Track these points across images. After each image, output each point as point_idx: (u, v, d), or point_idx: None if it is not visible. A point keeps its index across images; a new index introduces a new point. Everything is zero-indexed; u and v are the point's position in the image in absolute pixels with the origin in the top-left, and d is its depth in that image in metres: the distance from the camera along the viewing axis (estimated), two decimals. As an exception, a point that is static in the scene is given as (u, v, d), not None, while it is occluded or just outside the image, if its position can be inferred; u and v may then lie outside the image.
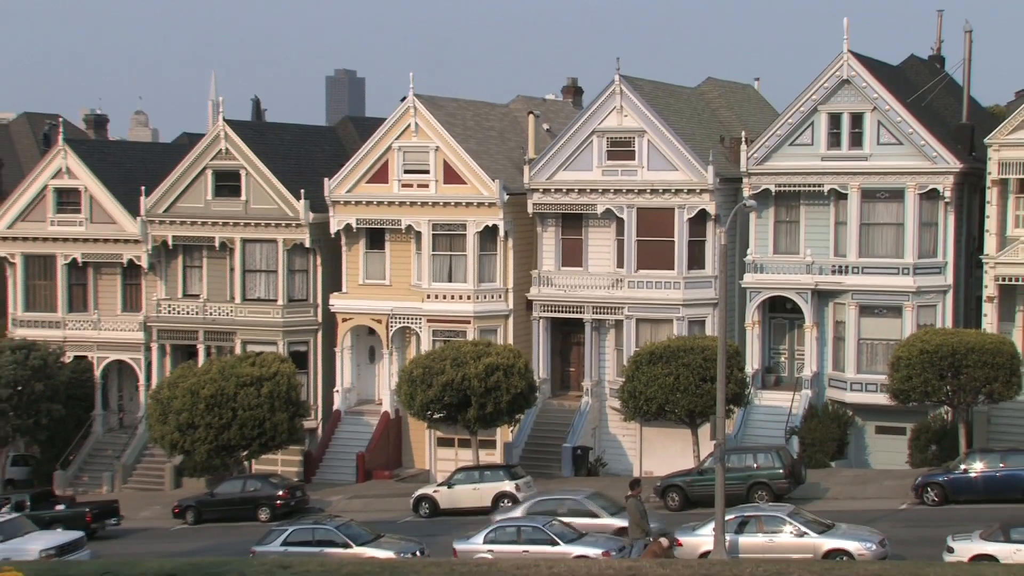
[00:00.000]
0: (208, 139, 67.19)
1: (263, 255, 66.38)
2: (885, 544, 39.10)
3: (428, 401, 55.68)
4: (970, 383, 51.35)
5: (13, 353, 62.91)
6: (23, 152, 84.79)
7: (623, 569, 29.18)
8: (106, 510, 55.42)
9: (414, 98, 63.00)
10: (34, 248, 70.04)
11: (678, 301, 59.96)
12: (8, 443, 63.99)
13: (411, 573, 28.10)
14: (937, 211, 57.59)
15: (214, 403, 55.97)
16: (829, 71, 57.97)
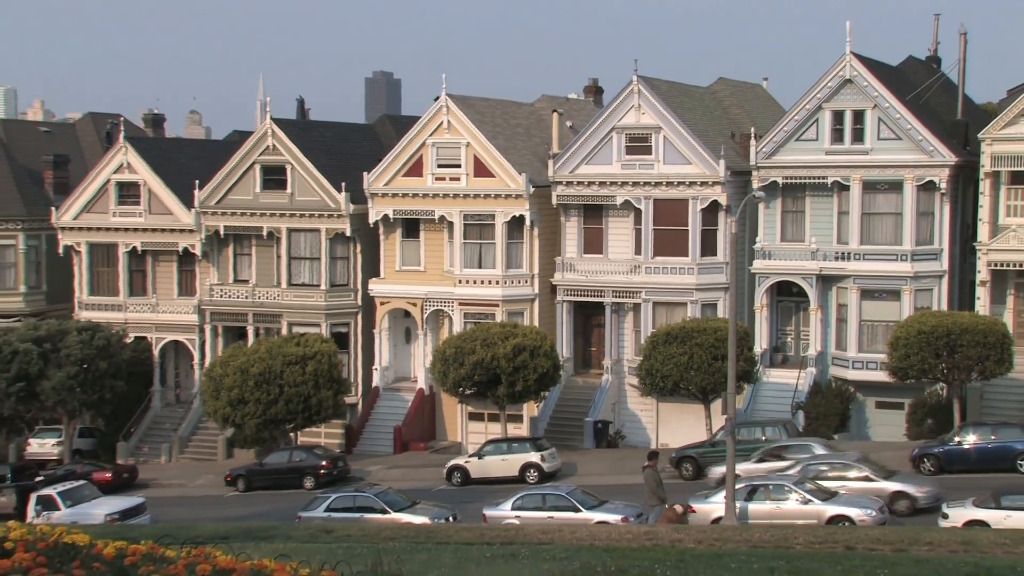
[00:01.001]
0: (256, 136, 67.34)
1: (307, 243, 66.52)
2: (884, 511, 39.07)
3: (460, 379, 55.80)
4: (964, 361, 51.35)
5: (79, 334, 63.26)
6: (88, 149, 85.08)
7: (641, 534, 29.15)
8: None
9: (447, 98, 63.02)
10: (98, 237, 70.32)
11: (692, 286, 59.91)
12: (76, 416, 64.35)
13: (444, 537, 28.12)
14: (933, 202, 57.46)
15: (262, 380, 56.17)
16: (833, 71, 57.85)
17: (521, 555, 22.67)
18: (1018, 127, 55.70)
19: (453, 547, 24.94)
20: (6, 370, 61.63)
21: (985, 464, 47.08)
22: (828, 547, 25.14)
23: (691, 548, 24.71)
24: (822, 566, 21.21)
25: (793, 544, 25.75)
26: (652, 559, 21.58)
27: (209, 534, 25.30)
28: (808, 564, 21.40)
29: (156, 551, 13.13)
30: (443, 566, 20.28)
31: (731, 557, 22.24)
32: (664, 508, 38.62)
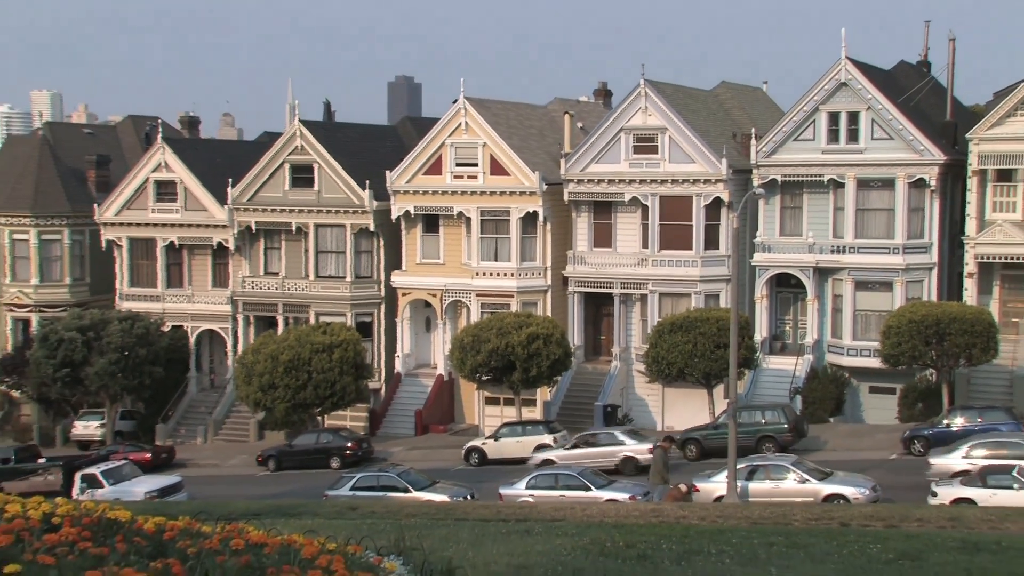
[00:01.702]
0: (285, 137, 67.42)
1: (333, 238, 66.60)
2: (877, 489, 39.04)
3: (477, 365, 55.86)
4: (952, 349, 51.34)
5: (120, 323, 63.53)
6: (128, 150, 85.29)
7: (647, 511, 29.15)
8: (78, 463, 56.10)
9: (464, 100, 63.02)
10: (137, 232, 70.54)
11: (695, 277, 59.88)
12: (118, 400, 64.65)
13: (462, 515, 28.13)
14: (924, 198, 57.36)
15: (291, 367, 56.27)
16: (829, 75, 57.78)
17: (535, 531, 22.70)
18: (1004, 127, 55.62)
19: (471, 524, 24.96)
20: (53, 356, 61.98)
21: (973, 445, 47.01)
22: (824, 523, 25.12)
23: (695, 524, 24.71)
24: (818, 541, 21.20)
25: (791, 521, 25.73)
26: (658, 535, 21.59)
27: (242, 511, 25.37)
28: (805, 539, 21.38)
29: (193, 526, 13.18)
30: (461, 541, 20.30)
31: (733, 533, 22.24)
32: (669, 487, 38.65)
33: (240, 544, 12.39)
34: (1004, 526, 25.11)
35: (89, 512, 12.91)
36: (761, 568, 17.93)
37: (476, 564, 16.30)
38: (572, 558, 18.39)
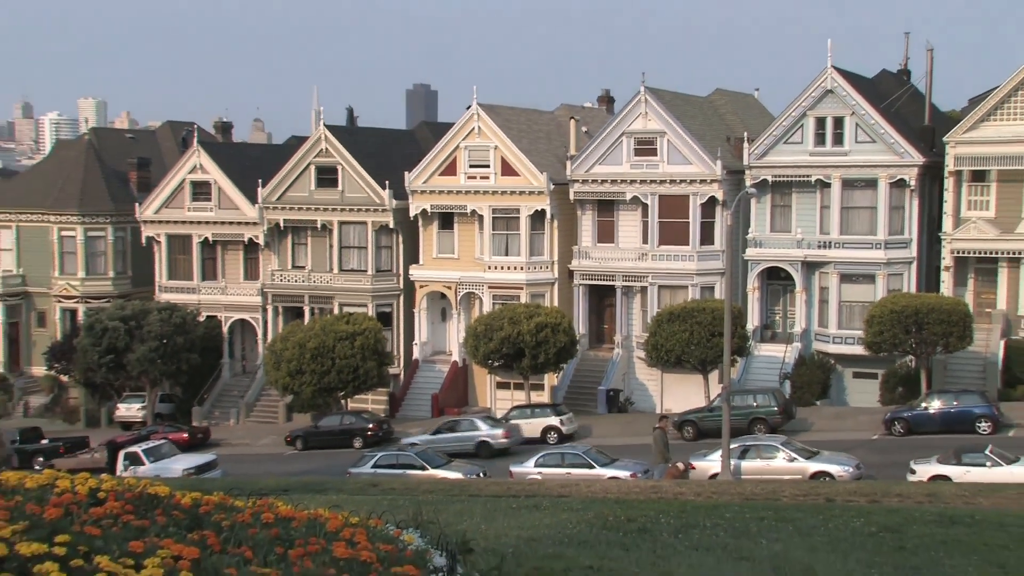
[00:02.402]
0: (311, 141, 67.47)
1: (355, 234, 66.65)
2: (860, 467, 39.05)
3: (489, 352, 55.90)
4: (930, 336, 51.29)
5: (159, 313, 63.71)
6: (166, 153, 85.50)
7: (647, 488, 29.17)
8: (78, 443, 56.41)
9: (477, 106, 63.02)
10: (175, 229, 70.69)
11: (692, 271, 59.84)
12: (157, 384, 64.83)
13: (476, 491, 28.16)
14: (904, 197, 57.28)
15: (317, 353, 56.35)
16: (816, 83, 57.70)
17: (543, 506, 22.72)
18: (978, 132, 55.53)
19: (483, 499, 24.99)
20: (97, 344, 62.18)
21: (948, 426, 47.03)
22: (811, 499, 25.12)
23: (692, 500, 24.72)
24: (806, 516, 21.20)
25: (781, 496, 25.73)
26: (657, 510, 21.60)
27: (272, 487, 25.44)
28: (794, 514, 21.39)
29: (226, 501, 13.22)
30: (475, 516, 20.33)
31: (727, 508, 22.24)
32: (668, 465, 38.66)
33: (270, 518, 12.43)
34: (977, 501, 25.11)
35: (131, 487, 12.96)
36: (752, 540, 17.94)
37: (488, 537, 16.33)
38: (577, 531, 18.41)
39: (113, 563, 9.62)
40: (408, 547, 12.03)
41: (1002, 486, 30.89)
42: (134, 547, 10.09)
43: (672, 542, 17.53)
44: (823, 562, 16.14)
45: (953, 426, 46.98)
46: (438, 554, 12.00)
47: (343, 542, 11.31)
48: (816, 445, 42.57)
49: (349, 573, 10.38)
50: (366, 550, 11.12)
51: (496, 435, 50.53)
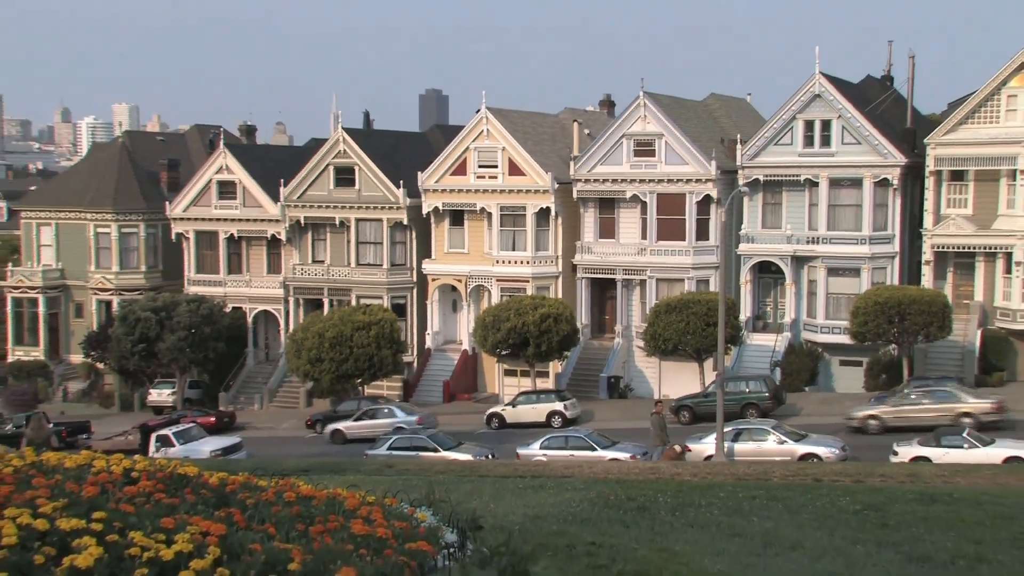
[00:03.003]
0: (330, 143, 67.51)
1: (371, 230, 66.70)
2: (846, 449, 39.06)
3: (497, 341, 55.94)
4: (912, 327, 51.25)
5: (188, 304, 63.82)
6: (194, 155, 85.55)
7: (646, 469, 29.18)
8: (80, 427, 56.20)
9: (486, 110, 63.01)
10: (202, 226, 70.78)
11: (688, 265, 59.81)
12: (186, 371, 64.97)
13: (484, 472, 28.18)
14: (887, 195, 57.21)
15: (336, 342, 56.38)
16: (805, 88, 57.63)
17: (548, 486, 22.74)
18: (957, 134, 55.44)
19: (492, 479, 25.01)
20: (131, 333, 62.33)
21: (929, 411, 46.94)
22: (800, 479, 25.12)
23: (688, 480, 24.73)
24: (795, 494, 21.20)
25: (771, 477, 25.73)
26: (655, 489, 21.61)
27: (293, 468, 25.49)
28: (783, 493, 21.39)
29: (251, 481, 13.25)
30: (483, 495, 20.34)
31: (720, 488, 22.26)
32: (665, 448, 38.67)
33: (292, 496, 12.47)
34: (955, 480, 25.10)
35: (163, 468, 13.00)
36: (745, 518, 17.95)
37: (497, 515, 16.36)
38: (580, 509, 18.43)
39: (146, 538, 9.66)
40: (421, 524, 12.06)
41: (978, 466, 30.88)
42: (165, 523, 10.13)
43: (669, 519, 17.54)
44: (810, 538, 16.15)
45: (933, 411, 46.93)
46: (449, 531, 12.03)
47: (360, 519, 11.34)
48: (804, 429, 42.56)
49: (366, 548, 10.40)
50: (382, 527, 11.15)
51: (411, 421, 51.61)
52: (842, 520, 18.04)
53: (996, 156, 54.68)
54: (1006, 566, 14.65)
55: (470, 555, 11.13)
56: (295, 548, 9.95)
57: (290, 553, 9.74)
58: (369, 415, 53.17)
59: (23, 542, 9.48)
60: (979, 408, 43.79)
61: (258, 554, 9.71)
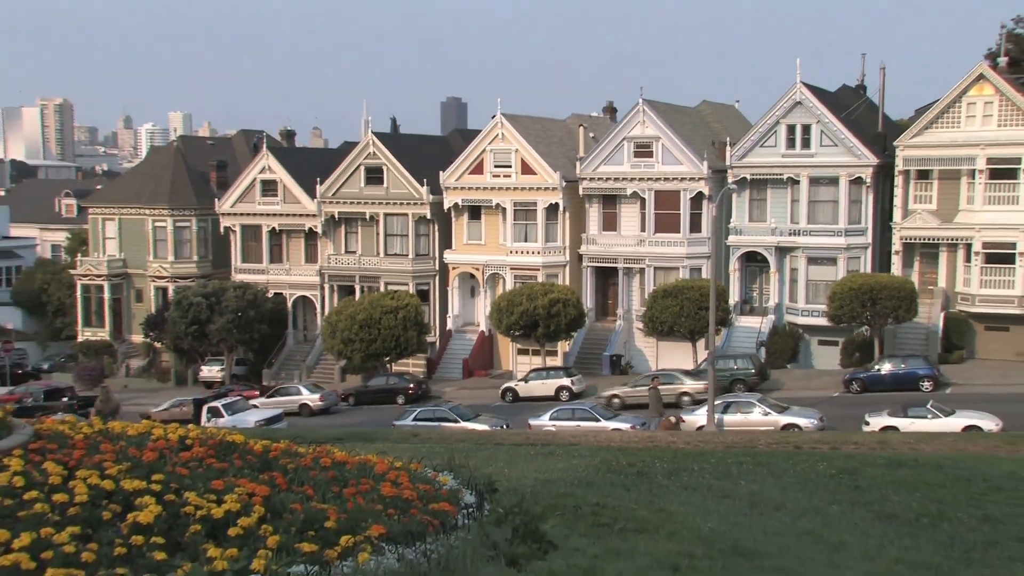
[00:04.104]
0: (361, 145, 67.50)
1: (398, 224, 66.69)
2: (824, 420, 39.01)
3: (511, 323, 55.95)
4: (883, 310, 51.18)
5: (235, 291, 63.98)
6: (240, 156, 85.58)
7: (644, 438, 29.23)
8: (90, 401, 55.16)
9: (501, 116, 62.90)
10: (247, 221, 70.86)
11: (682, 255, 59.69)
12: (233, 350, 65.13)
13: (500, 440, 28.27)
14: (861, 192, 57.00)
15: (366, 324, 56.49)
16: (787, 96, 57.42)
17: (557, 453, 22.79)
18: (923, 137, 55.23)
19: (506, 447, 25.09)
20: (184, 316, 62.55)
21: (897, 385, 47.07)
22: (782, 447, 25.13)
23: (682, 448, 24.76)
24: (778, 460, 21.21)
25: (757, 444, 25.75)
26: (653, 456, 21.64)
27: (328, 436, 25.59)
28: (768, 459, 21.41)
29: (291, 448, 13.33)
30: (499, 461, 20.40)
31: (711, 455, 22.28)
32: (662, 419, 38.68)
33: (328, 462, 12.53)
34: (920, 447, 25.10)
35: (213, 436, 13.07)
36: (733, 481, 17.97)
37: (511, 479, 16.41)
38: (586, 474, 18.47)
39: (199, 498, 9.73)
40: (443, 487, 12.11)
41: (941, 435, 30.89)
42: (216, 485, 10.20)
43: (666, 483, 17.57)
44: (792, 499, 16.16)
45: (901, 385, 47.03)
46: (468, 493, 12.07)
47: (389, 483, 11.39)
48: (786, 402, 42.53)
49: (394, 509, 10.46)
50: (408, 489, 11.20)
51: (314, 399, 53.63)
52: (820, 483, 18.06)
53: (957, 157, 54.48)
54: (964, 522, 14.67)
55: (487, 515, 11.17)
56: (331, 508, 10.00)
57: (326, 512, 9.80)
58: (280, 392, 54.67)
59: (93, 500, 9.57)
60: (695, 388, 47.27)
61: (298, 513, 9.77)
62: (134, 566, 8.38)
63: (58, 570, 8.02)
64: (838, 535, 13.15)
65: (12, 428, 11.96)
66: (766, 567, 10.60)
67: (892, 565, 11.36)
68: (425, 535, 9.86)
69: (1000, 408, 39.13)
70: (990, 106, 53.98)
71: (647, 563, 10.25)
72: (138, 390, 65.70)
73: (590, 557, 10.34)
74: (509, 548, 10.02)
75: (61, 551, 8.33)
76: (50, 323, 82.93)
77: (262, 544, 8.89)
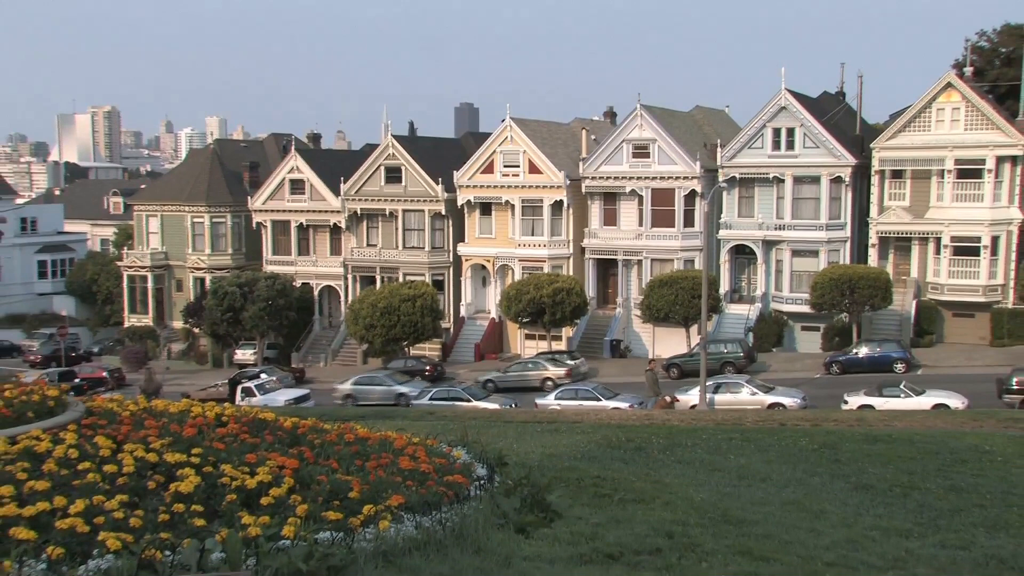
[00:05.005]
0: (381, 147, 67.41)
1: (415, 219, 66.66)
2: (806, 399, 39.04)
3: (519, 311, 55.96)
4: (860, 298, 51.16)
5: (266, 281, 63.98)
6: (270, 158, 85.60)
7: (642, 416, 29.25)
8: (98, 382, 55.48)
9: (510, 120, 62.82)
10: (277, 216, 70.91)
11: (677, 248, 59.59)
12: (265, 335, 65.21)
13: (509, 418, 28.32)
14: (841, 190, 56.86)
15: (386, 311, 56.55)
16: (773, 101, 57.26)
17: (561, 430, 22.82)
18: (897, 140, 55.14)
19: (515, 424, 25.13)
20: (220, 304, 62.61)
21: (873, 367, 47.16)
22: (768, 424, 25.14)
23: (676, 425, 24.78)
24: (764, 436, 21.23)
25: (745, 422, 25.76)
26: (649, 432, 21.67)
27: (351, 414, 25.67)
28: (755, 435, 21.42)
29: (318, 425, 13.38)
30: (508, 437, 20.45)
31: (703, 430, 22.30)
32: (658, 398, 38.70)
33: (351, 437, 12.58)
34: (893, 424, 25.09)
35: (247, 414, 13.14)
36: (723, 456, 18.00)
37: (519, 453, 16.45)
38: (588, 449, 18.51)
39: (234, 470, 9.79)
40: (457, 461, 12.15)
41: (912, 412, 30.89)
42: (249, 458, 10.26)
43: (661, 457, 17.60)
44: (777, 472, 16.18)
45: (877, 367, 47.12)
46: (480, 466, 12.11)
47: (407, 457, 11.44)
48: (772, 382, 42.58)
49: (412, 480, 10.50)
50: (425, 463, 11.24)
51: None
52: (802, 457, 18.08)
53: (928, 158, 54.39)
54: (932, 492, 14.72)
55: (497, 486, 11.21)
56: (354, 479, 10.06)
57: (350, 484, 9.85)
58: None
59: (139, 471, 9.66)
60: (556, 374, 49.33)
61: (324, 484, 9.82)
62: (176, 531, 8.49)
63: (109, 534, 8.14)
64: (819, 504, 13.17)
65: (67, 405, 12.08)
66: (753, 533, 10.64)
67: (867, 531, 11.40)
68: (441, 505, 9.91)
69: (966, 387, 39.21)
70: (957, 112, 53.92)
71: (644, 530, 10.30)
72: (179, 371, 65.86)
73: (592, 525, 10.38)
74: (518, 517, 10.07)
75: (112, 517, 8.48)
76: (100, 310, 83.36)
77: (292, 512, 8.95)
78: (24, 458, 9.49)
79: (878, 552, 10.25)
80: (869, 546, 10.52)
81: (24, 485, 8.87)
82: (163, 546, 8.08)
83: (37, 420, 11.05)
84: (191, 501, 9.04)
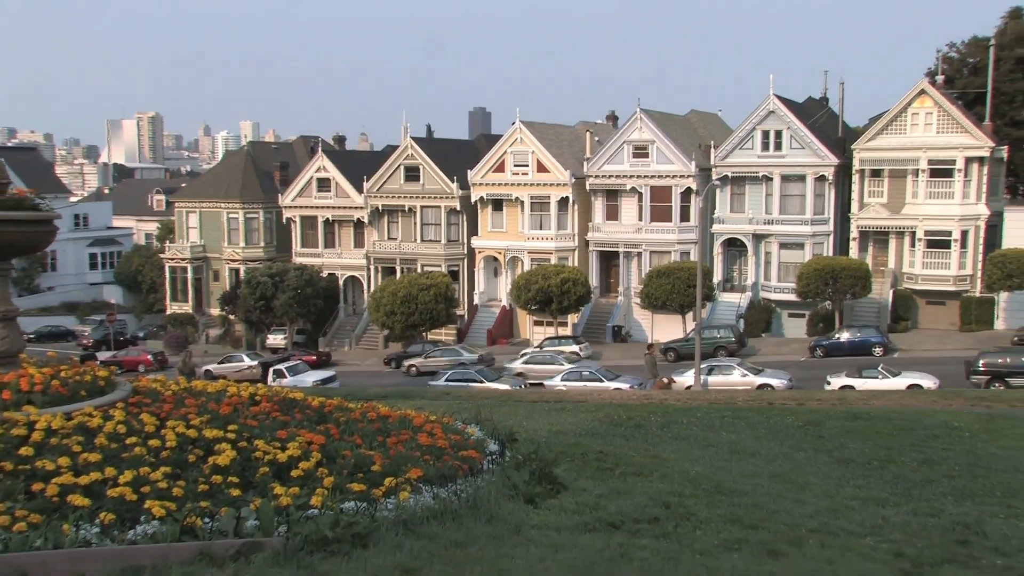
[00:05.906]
0: (401, 148, 67.36)
1: (432, 215, 66.67)
2: (792, 380, 38.99)
3: (528, 299, 55.96)
4: (842, 287, 51.11)
5: (295, 272, 64.08)
6: (299, 158, 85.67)
7: (641, 396, 29.24)
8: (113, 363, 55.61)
9: (520, 123, 62.71)
10: (305, 212, 70.96)
11: (674, 241, 59.49)
12: (294, 322, 65.31)
13: (519, 398, 28.34)
14: (825, 188, 56.66)
15: (405, 300, 56.58)
16: (762, 106, 57.05)
17: (567, 409, 22.86)
18: (876, 142, 54.94)
19: (525, 404, 25.17)
20: (253, 293, 62.75)
21: (854, 351, 47.18)
22: (757, 403, 25.13)
23: (673, 404, 24.78)
24: (753, 414, 21.22)
25: (736, 401, 25.75)
26: (648, 411, 21.69)
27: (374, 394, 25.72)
28: (746, 413, 21.42)
29: (343, 404, 13.44)
30: (518, 415, 20.49)
31: (698, 409, 22.31)
32: (656, 380, 38.69)
33: (374, 415, 12.64)
34: (872, 403, 25.07)
35: (277, 393, 13.20)
36: (716, 432, 18.01)
37: (528, 430, 16.49)
38: (592, 426, 18.55)
39: (266, 445, 9.86)
40: (471, 437, 12.21)
41: (889, 392, 30.82)
42: (280, 435, 10.32)
43: (659, 434, 17.63)
44: (765, 447, 16.19)
45: (857, 351, 47.11)
46: (492, 442, 12.16)
47: (425, 433, 11.49)
48: (761, 365, 42.53)
49: (430, 455, 10.55)
50: (441, 439, 11.30)
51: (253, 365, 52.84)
52: (789, 433, 18.08)
53: (904, 159, 54.25)
54: (907, 464, 14.74)
55: (508, 460, 11.26)
56: (377, 454, 10.11)
57: (373, 458, 9.90)
58: (227, 360, 55.01)
59: (180, 445, 9.74)
60: (469, 359, 50.56)
61: (349, 458, 9.88)
62: (215, 500, 8.57)
63: (155, 502, 8.25)
64: (803, 476, 13.19)
65: (116, 385, 12.16)
66: (743, 503, 10.67)
67: (847, 500, 11.43)
68: (456, 477, 9.96)
69: (937, 369, 39.29)
70: (930, 116, 53.82)
71: (643, 501, 10.33)
72: (216, 355, 65.98)
73: (595, 496, 10.42)
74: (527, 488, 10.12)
75: (156, 486, 8.60)
76: (144, 299, 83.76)
77: (319, 484, 9.01)
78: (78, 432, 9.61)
79: (857, 520, 10.28)
80: (849, 514, 10.55)
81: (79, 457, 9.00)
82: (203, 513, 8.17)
83: (89, 398, 11.15)
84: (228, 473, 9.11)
